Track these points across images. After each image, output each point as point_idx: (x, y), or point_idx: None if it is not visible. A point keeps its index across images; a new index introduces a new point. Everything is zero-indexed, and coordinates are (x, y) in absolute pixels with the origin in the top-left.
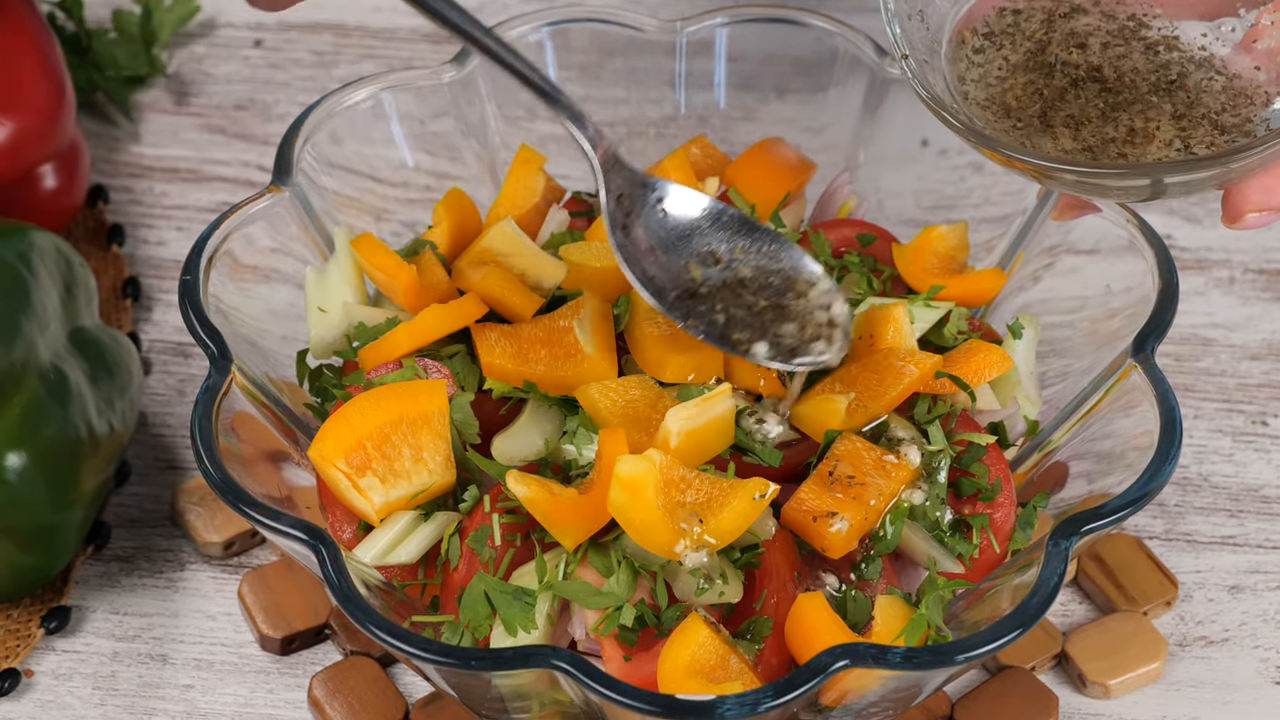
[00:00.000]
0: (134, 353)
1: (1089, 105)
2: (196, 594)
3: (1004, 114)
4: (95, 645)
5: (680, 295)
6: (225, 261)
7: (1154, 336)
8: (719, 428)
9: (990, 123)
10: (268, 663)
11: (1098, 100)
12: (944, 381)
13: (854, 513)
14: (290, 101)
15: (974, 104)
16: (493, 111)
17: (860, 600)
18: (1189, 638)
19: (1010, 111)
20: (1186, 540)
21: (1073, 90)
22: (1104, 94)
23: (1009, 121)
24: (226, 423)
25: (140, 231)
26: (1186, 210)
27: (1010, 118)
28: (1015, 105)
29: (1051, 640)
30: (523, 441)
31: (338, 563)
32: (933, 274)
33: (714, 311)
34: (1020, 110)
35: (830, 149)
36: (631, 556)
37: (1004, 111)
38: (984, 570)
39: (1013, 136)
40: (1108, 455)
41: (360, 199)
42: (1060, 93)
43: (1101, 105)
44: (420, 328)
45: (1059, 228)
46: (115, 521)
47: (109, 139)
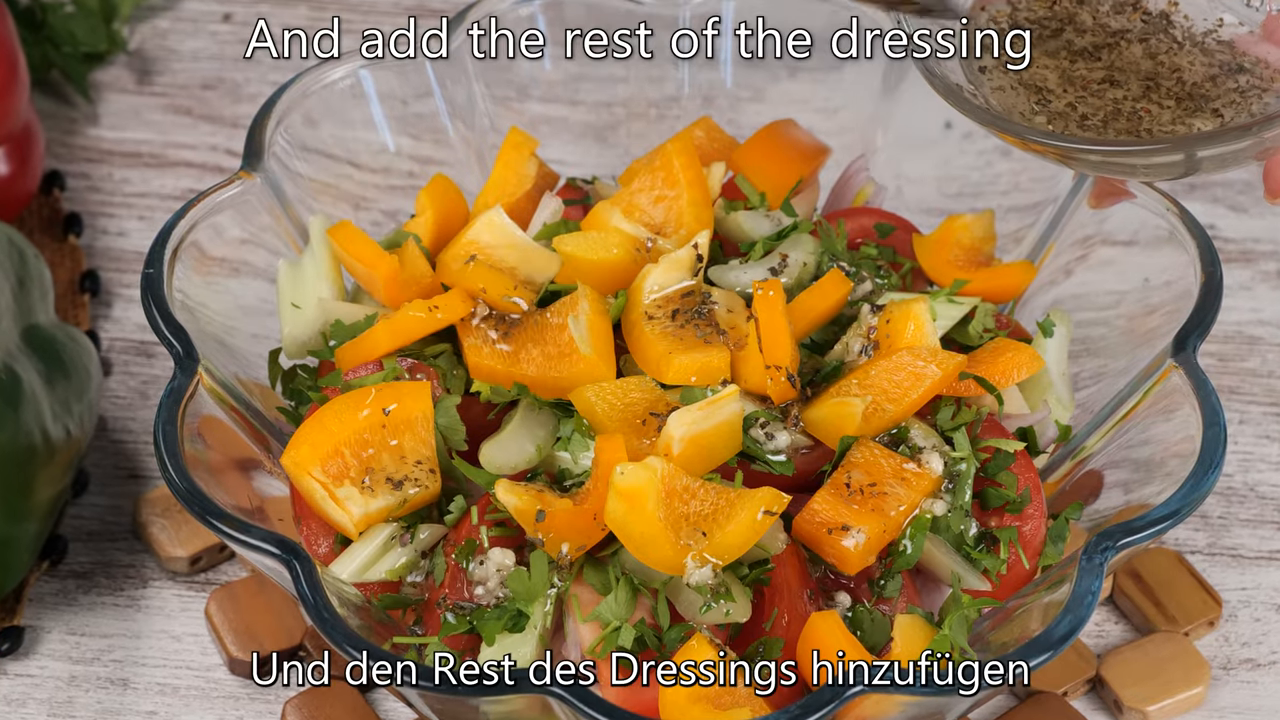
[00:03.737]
0: (93, 352)
1: (1114, 82)
2: (160, 613)
3: (1029, 93)
4: (51, 669)
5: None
6: (191, 253)
7: (1196, 334)
8: (725, 433)
9: (1008, 104)
10: (237, 687)
11: (1124, 77)
12: (969, 383)
13: (872, 525)
14: (261, 80)
15: (991, 86)
16: (481, 91)
17: (878, 620)
18: (1233, 660)
19: (1036, 91)
20: (1231, 555)
21: (1098, 67)
22: (1129, 70)
23: (1031, 101)
24: (193, 428)
25: (99, 221)
26: (1231, 198)
27: (1034, 97)
28: (1040, 85)
29: (1085, 663)
30: (513, 448)
31: (313, 579)
32: (957, 267)
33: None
34: (1043, 90)
35: (846, 131)
36: (631, 573)
37: (1029, 91)
38: (1012, 588)
39: (1034, 118)
40: (1146, 463)
41: (337, 186)
42: (1084, 69)
43: (1127, 81)
44: (402, 325)
45: (1094, 217)
46: (72, 535)
47: (65, 121)
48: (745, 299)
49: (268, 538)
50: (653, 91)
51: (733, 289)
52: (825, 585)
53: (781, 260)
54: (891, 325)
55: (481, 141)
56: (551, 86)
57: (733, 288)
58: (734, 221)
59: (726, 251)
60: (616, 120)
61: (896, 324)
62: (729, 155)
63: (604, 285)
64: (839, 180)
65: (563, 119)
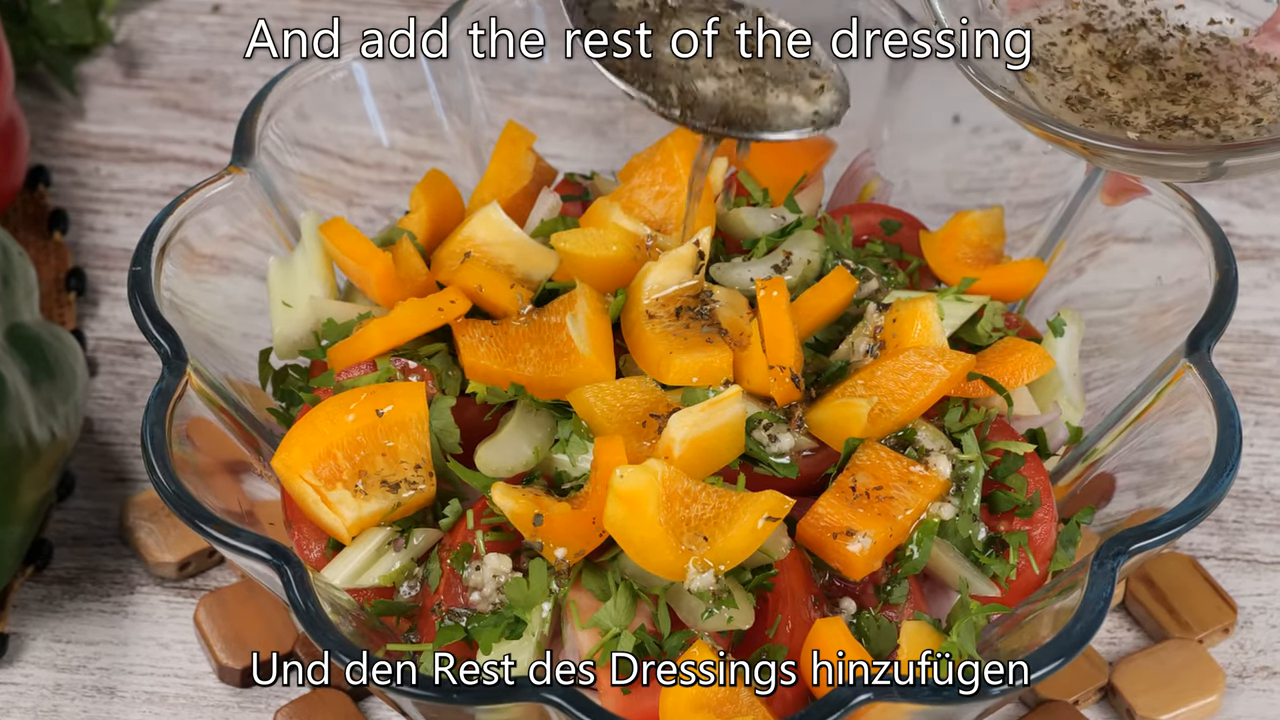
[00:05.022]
0: (78, 352)
1: (1154, 83)
2: (148, 620)
3: (1070, 94)
4: (35, 676)
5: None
6: (180, 251)
7: (1210, 334)
8: (728, 435)
9: (1042, 98)
10: (226, 696)
11: (1162, 79)
12: (977, 384)
13: (878, 529)
14: (252, 73)
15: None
16: (477, 84)
17: (884, 626)
18: (1249, 668)
19: (1076, 90)
20: (1246, 560)
21: (1139, 68)
22: (1168, 74)
23: (1070, 102)
24: (181, 430)
25: (85, 218)
26: (1246, 194)
27: (1075, 99)
28: (1080, 82)
29: (1097, 671)
30: (510, 451)
31: (304, 585)
32: (965, 265)
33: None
34: (1085, 87)
35: (851, 126)
36: (631, 578)
37: (1071, 91)
38: (1022, 593)
39: (1071, 116)
40: (1159, 466)
41: (330, 181)
42: (1124, 70)
43: (1166, 84)
44: (396, 325)
45: (1106, 213)
46: (57, 539)
47: (51, 115)
48: (748, 297)
49: (258, 542)
50: None
51: (735, 287)
52: (830, 591)
53: (785, 258)
54: (898, 324)
55: (477, 136)
56: (550, 80)
57: (735, 286)
58: (736, 218)
59: (729, 249)
60: (616, 114)
61: (903, 323)
62: (731, 150)
63: (603, 283)
64: (844, 175)
65: (561, 113)
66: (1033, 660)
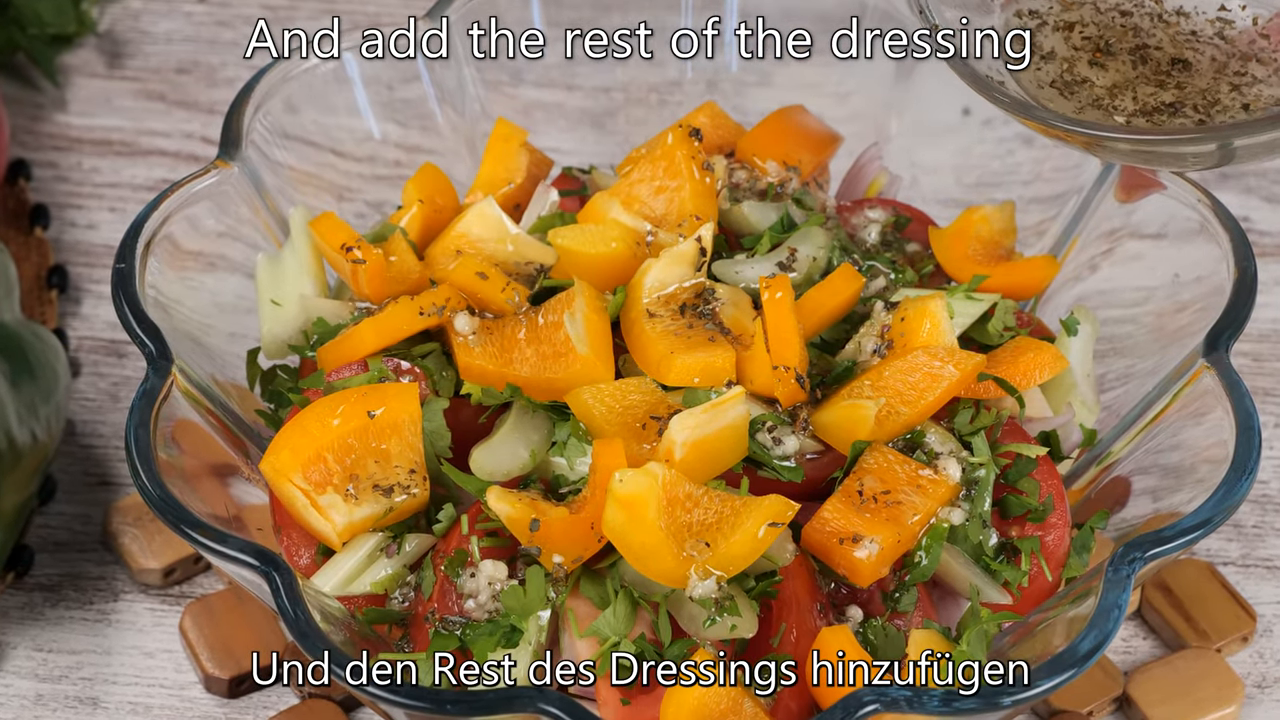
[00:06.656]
0: (60, 352)
1: (1146, 69)
2: (132, 628)
3: (1059, 85)
4: (16, 686)
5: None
6: (165, 247)
7: (1229, 333)
8: (730, 438)
9: (1036, 91)
10: (213, 707)
11: (1144, 64)
12: (988, 385)
13: (885, 535)
14: (239, 64)
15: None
16: (471, 75)
17: (892, 635)
18: (1269, 678)
19: (1065, 82)
20: (1266, 567)
21: (1128, 56)
22: (1150, 59)
23: (1058, 89)
24: (167, 432)
25: (68, 213)
26: (1266, 189)
27: (1060, 85)
28: (1063, 69)
29: (1111, 681)
30: (505, 454)
31: (293, 592)
32: (975, 261)
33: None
34: (1073, 79)
35: (858, 118)
36: (630, 585)
37: (1061, 82)
38: (1034, 601)
39: (1063, 104)
40: (1176, 469)
41: (320, 175)
42: (1113, 57)
43: (1149, 68)
44: (388, 324)
45: (1120, 209)
46: (39, 545)
47: (32, 107)
48: (751, 295)
49: (246, 548)
50: (653, 75)
51: (738, 285)
52: (836, 599)
53: (790, 254)
54: (906, 323)
55: (472, 129)
56: (546, 70)
57: (738, 284)
58: (739, 213)
59: (731, 245)
60: (615, 106)
61: (911, 322)
62: (735, 143)
63: (602, 281)
64: (851, 170)
65: (558, 104)
66: (1044, 670)
